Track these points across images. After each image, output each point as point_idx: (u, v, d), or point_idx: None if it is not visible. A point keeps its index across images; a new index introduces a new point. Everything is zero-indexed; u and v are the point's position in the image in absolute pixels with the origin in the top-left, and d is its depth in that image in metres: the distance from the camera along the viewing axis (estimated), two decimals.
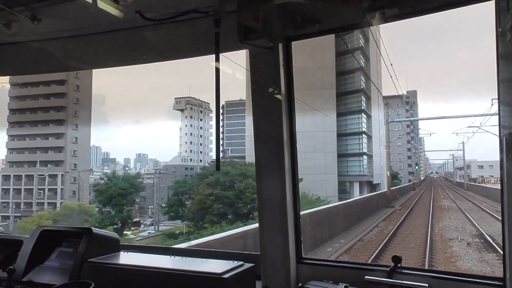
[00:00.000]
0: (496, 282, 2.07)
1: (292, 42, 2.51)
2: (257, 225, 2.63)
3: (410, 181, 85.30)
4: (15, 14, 2.49)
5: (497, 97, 2.01)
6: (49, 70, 3.41)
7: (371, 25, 2.37)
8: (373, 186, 52.78)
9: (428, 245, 16.84)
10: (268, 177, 2.50)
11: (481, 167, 64.15)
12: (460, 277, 2.16)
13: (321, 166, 45.28)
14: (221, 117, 2.45)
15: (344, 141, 52.17)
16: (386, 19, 2.20)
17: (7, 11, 2.45)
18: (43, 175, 52.76)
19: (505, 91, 1.95)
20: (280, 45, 2.43)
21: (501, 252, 2.17)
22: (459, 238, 18.93)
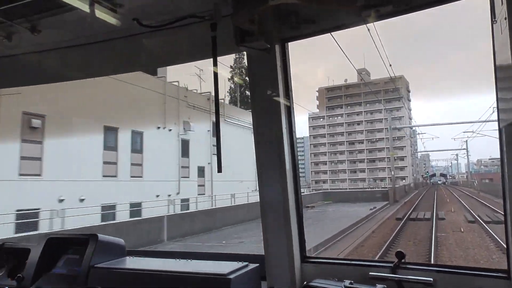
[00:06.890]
0: (500, 274, 2.08)
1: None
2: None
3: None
4: (16, 26, 2.51)
5: (495, 89, 2.02)
6: (48, 81, 3.44)
7: (366, 23, 2.38)
8: None
9: None
10: (269, 179, 2.51)
11: None
12: (464, 270, 2.17)
13: None
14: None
15: None
16: (380, 17, 2.21)
17: (7, 23, 2.47)
18: None
19: (502, 83, 1.96)
20: (277, 47, 2.45)
21: None
22: None
